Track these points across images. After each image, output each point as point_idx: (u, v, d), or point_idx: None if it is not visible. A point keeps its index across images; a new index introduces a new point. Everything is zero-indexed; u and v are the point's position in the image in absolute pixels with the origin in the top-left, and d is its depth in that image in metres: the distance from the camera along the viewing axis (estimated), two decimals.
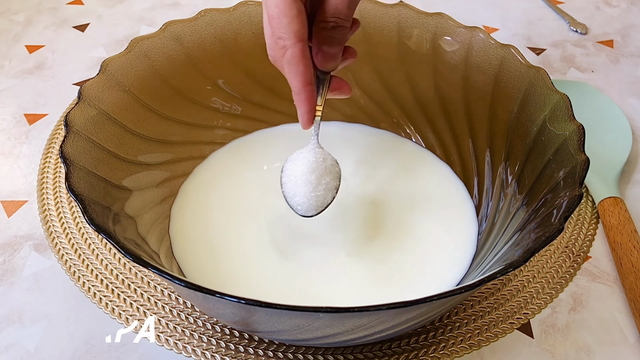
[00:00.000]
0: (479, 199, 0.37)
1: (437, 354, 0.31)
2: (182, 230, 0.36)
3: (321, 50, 0.29)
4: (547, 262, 0.35)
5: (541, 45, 0.56)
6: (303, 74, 0.28)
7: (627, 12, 0.61)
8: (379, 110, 0.42)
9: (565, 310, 0.34)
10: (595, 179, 0.39)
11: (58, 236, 0.37)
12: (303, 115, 0.29)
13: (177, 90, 0.38)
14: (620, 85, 0.51)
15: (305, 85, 0.28)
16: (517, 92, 0.34)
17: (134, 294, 0.34)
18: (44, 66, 0.53)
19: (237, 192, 0.38)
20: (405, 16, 0.38)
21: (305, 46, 0.27)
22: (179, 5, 0.62)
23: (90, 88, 0.32)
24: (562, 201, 0.26)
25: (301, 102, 0.29)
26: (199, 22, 0.38)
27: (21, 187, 0.41)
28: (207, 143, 0.41)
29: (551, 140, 0.30)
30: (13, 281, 0.35)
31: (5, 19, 0.59)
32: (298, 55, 0.27)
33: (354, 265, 0.34)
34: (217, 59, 0.39)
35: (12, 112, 0.48)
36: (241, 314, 0.25)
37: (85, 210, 0.25)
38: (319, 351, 0.31)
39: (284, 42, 0.27)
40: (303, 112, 0.29)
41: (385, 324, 0.25)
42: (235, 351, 0.31)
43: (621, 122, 0.45)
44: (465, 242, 0.35)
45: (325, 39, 0.28)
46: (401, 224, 0.36)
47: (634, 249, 0.35)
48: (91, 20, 0.59)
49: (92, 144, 0.30)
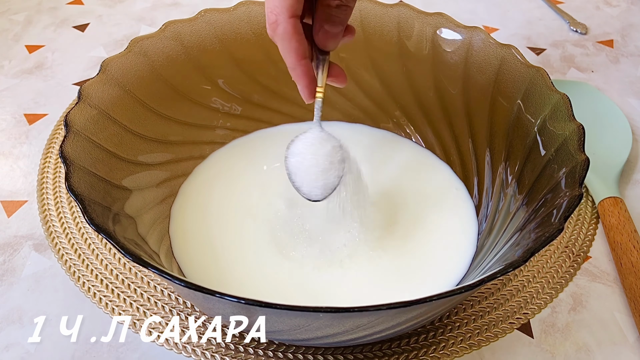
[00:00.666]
0: (479, 199, 0.37)
1: (437, 354, 0.31)
2: (182, 230, 0.36)
3: (323, 28, 0.28)
4: (547, 262, 0.35)
5: (541, 45, 0.56)
6: (296, 50, 0.27)
7: (627, 12, 0.61)
8: (378, 110, 0.42)
9: (565, 310, 0.34)
10: (595, 179, 0.39)
11: (58, 236, 0.37)
12: (303, 90, 0.29)
13: (177, 90, 0.38)
14: (620, 85, 0.51)
15: (299, 60, 0.28)
16: (517, 92, 0.34)
17: (134, 294, 0.34)
18: (44, 66, 0.53)
19: (237, 192, 0.38)
20: (405, 16, 0.38)
21: (298, 22, 0.27)
22: (179, 5, 0.62)
23: (90, 88, 0.32)
24: (562, 201, 0.26)
25: (298, 77, 0.29)
26: (199, 22, 0.38)
27: (21, 187, 0.41)
28: (207, 143, 0.41)
29: (551, 140, 0.30)
30: (13, 281, 0.35)
31: (5, 19, 0.59)
32: (290, 31, 0.27)
33: (354, 265, 0.34)
34: (217, 59, 0.39)
35: (12, 112, 0.48)
36: (241, 313, 0.25)
37: (85, 210, 0.25)
38: (319, 351, 0.31)
39: (276, 18, 0.27)
40: (302, 87, 0.29)
41: (385, 324, 0.25)
42: (235, 351, 0.31)
43: (621, 122, 0.45)
44: (465, 242, 0.35)
45: (328, 17, 0.28)
46: (401, 223, 0.36)
47: (634, 249, 0.35)
48: (91, 20, 0.59)
49: (92, 144, 0.30)
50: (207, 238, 0.35)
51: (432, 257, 0.34)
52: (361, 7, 0.39)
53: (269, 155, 0.40)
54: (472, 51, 0.36)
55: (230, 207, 0.37)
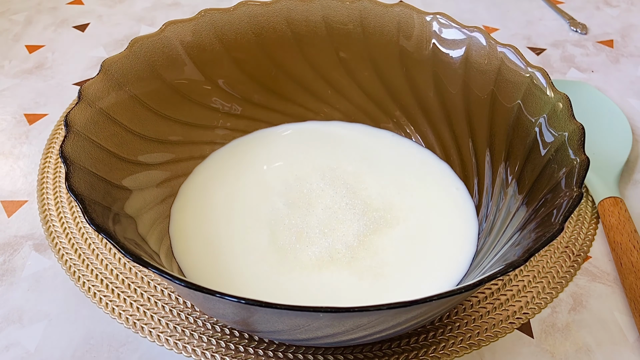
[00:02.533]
0: (479, 198, 0.37)
1: (437, 354, 0.31)
2: (182, 230, 0.36)
3: None
4: (547, 262, 0.35)
5: (541, 45, 0.56)
6: None
7: (627, 12, 0.61)
8: (379, 110, 0.42)
9: (565, 310, 0.34)
10: (595, 179, 0.39)
11: (58, 236, 0.37)
12: None
13: (177, 90, 0.38)
14: (620, 85, 0.51)
15: None
16: (517, 92, 0.34)
17: (134, 294, 0.34)
18: (44, 66, 0.53)
19: (237, 191, 0.38)
20: (405, 16, 0.38)
21: None
22: (179, 5, 0.62)
23: (90, 88, 0.32)
24: (562, 201, 0.26)
25: None
26: (199, 22, 0.38)
27: (21, 187, 0.41)
28: (207, 143, 0.41)
29: (551, 140, 0.30)
30: (13, 281, 0.35)
31: (5, 19, 0.59)
32: None
33: (354, 265, 0.34)
34: (217, 59, 0.39)
35: (12, 112, 0.48)
36: (241, 313, 0.25)
37: (85, 210, 0.25)
38: (319, 351, 0.31)
39: None
40: None
41: (385, 324, 0.25)
42: (235, 351, 0.31)
43: (621, 122, 0.45)
44: (466, 242, 0.35)
45: None
46: (402, 223, 0.36)
47: (634, 249, 0.35)
48: (91, 20, 0.59)
49: (92, 144, 0.30)
50: (207, 238, 0.35)
51: (433, 256, 0.34)
52: (361, 7, 0.39)
53: (270, 155, 0.40)
54: (472, 51, 0.36)
55: (230, 207, 0.37)
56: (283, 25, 0.39)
